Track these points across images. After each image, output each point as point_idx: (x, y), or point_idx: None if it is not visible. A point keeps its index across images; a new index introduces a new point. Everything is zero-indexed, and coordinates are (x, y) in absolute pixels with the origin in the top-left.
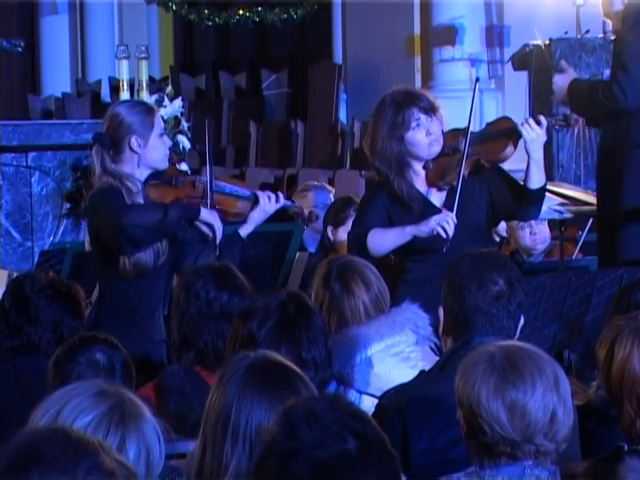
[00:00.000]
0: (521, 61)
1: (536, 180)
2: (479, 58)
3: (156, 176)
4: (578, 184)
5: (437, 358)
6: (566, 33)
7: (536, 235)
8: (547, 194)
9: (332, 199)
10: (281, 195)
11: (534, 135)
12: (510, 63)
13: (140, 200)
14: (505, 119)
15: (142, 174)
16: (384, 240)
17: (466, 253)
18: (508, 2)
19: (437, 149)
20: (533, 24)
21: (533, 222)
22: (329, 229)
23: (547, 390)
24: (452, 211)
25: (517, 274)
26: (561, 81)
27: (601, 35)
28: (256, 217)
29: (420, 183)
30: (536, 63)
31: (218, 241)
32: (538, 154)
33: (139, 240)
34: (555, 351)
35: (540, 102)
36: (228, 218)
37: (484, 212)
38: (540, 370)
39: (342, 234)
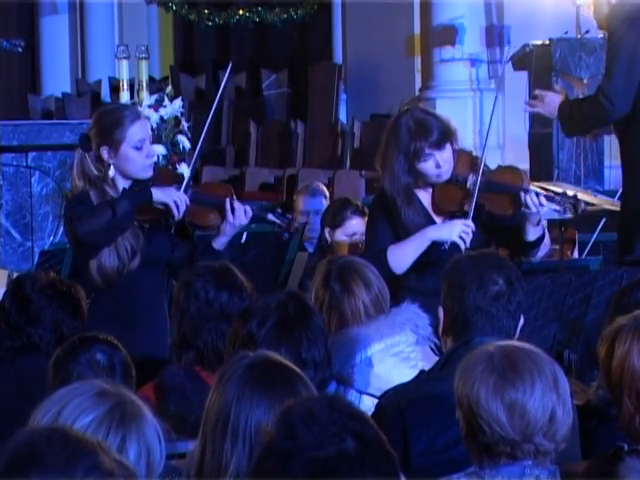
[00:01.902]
0: (521, 61)
1: (532, 235)
2: (479, 58)
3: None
4: (578, 184)
5: (437, 358)
6: (566, 33)
7: None
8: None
9: (325, 204)
10: (248, 208)
11: (535, 210)
12: (510, 63)
13: None
14: (515, 173)
15: (123, 182)
16: (406, 254)
17: (466, 254)
18: (508, 2)
19: (445, 177)
20: (533, 24)
21: None
22: (326, 230)
23: (546, 390)
24: None
25: (517, 274)
26: (552, 101)
27: (601, 35)
28: (228, 230)
29: (424, 197)
30: (536, 63)
31: (178, 216)
32: (536, 220)
33: (99, 243)
34: (555, 351)
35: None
36: (200, 230)
37: (483, 244)
38: (539, 370)
39: (339, 235)
